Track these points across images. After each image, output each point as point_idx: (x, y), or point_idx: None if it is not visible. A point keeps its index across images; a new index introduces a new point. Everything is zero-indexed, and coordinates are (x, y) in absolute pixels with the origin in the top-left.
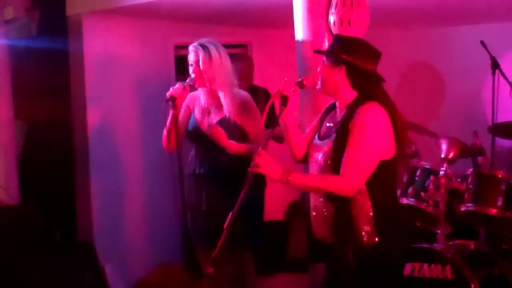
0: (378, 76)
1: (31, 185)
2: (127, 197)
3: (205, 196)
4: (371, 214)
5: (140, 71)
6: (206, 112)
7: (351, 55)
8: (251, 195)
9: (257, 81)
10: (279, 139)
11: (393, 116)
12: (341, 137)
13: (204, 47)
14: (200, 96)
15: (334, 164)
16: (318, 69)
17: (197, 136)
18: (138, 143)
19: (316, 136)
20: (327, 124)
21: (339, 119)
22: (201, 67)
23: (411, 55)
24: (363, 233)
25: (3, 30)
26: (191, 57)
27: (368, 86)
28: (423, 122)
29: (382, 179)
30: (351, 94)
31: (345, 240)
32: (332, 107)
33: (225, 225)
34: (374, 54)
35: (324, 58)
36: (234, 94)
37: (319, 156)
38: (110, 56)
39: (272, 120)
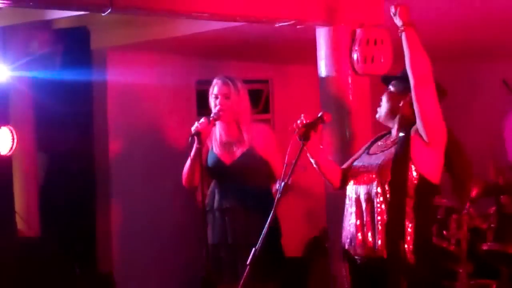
0: None
1: (51, 216)
2: (147, 230)
3: (232, 229)
4: (413, 235)
5: (162, 105)
6: (226, 146)
7: None
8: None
9: (278, 117)
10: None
11: None
12: (403, 147)
13: (232, 80)
14: (217, 131)
15: (393, 171)
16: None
17: (220, 171)
18: (159, 175)
19: (365, 152)
20: (379, 144)
21: (393, 139)
22: (231, 100)
23: None
24: (406, 251)
25: (28, 62)
26: (217, 90)
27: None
28: None
29: (425, 205)
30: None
31: (394, 256)
32: (382, 136)
33: (248, 261)
34: None
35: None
36: (255, 127)
37: (373, 166)
38: (133, 89)
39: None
